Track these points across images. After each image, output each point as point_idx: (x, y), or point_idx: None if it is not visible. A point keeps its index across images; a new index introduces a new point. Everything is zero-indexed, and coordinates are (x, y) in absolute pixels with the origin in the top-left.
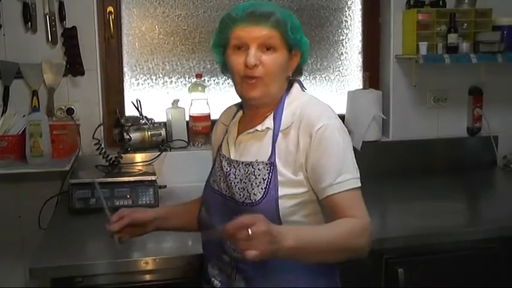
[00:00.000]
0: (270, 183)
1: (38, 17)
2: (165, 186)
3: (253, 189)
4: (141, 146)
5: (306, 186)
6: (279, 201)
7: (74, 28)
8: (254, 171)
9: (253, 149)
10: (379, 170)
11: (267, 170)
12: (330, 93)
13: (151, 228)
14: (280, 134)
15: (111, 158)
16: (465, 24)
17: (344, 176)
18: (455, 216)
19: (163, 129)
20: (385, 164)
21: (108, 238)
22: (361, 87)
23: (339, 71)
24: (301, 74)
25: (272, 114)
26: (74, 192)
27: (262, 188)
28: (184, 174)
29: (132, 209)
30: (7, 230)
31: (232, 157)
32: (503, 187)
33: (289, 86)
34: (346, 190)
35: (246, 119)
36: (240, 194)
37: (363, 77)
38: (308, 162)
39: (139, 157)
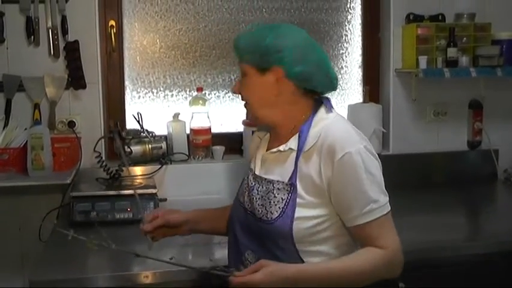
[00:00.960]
0: (287, 204)
1: (40, 30)
2: (166, 199)
3: (271, 207)
4: (142, 159)
5: (326, 210)
6: (294, 222)
7: (76, 42)
8: (274, 190)
9: (276, 168)
10: None
11: (287, 190)
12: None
13: (183, 230)
14: (302, 155)
15: (111, 171)
16: (464, 39)
17: (371, 206)
18: (456, 230)
19: (164, 142)
20: (385, 177)
21: (110, 251)
22: (361, 101)
23: (339, 84)
24: (322, 88)
25: (297, 135)
26: (74, 205)
27: (279, 208)
28: (184, 187)
29: (166, 210)
30: (8, 242)
31: (257, 172)
32: (504, 201)
33: (319, 105)
34: (373, 220)
35: (272, 137)
36: (259, 210)
37: (363, 91)
38: (332, 191)
39: (139, 170)
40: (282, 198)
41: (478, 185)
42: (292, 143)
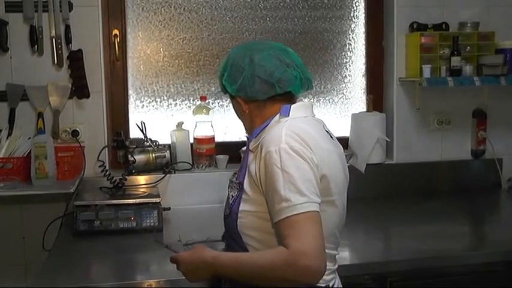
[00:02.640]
0: (235, 201)
1: (44, 39)
2: (169, 208)
3: (227, 204)
4: (146, 168)
5: (264, 206)
6: (238, 216)
7: (79, 51)
8: (230, 189)
9: (240, 168)
10: (383, 192)
11: (237, 188)
12: (334, 116)
13: None
14: (250, 155)
15: (115, 180)
16: (468, 47)
17: (282, 204)
18: (460, 239)
19: (168, 151)
20: (389, 186)
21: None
22: (364, 109)
23: (343, 93)
24: (292, 95)
25: (251, 137)
26: (78, 214)
27: (230, 204)
28: (188, 196)
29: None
30: (11, 251)
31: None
32: (508, 210)
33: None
34: (283, 218)
35: None
36: (224, 207)
37: (367, 100)
38: (262, 188)
39: (143, 179)
40: (232, 196)
41: (481, 194)
42: (250, 144)
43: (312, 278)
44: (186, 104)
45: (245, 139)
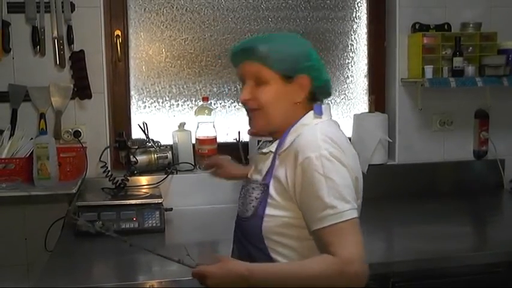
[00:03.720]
0: (260, 203)
1: (46, 40)
2: (171, 209)
3: (247, 205)
4: (148, 169)
5: (294, 212)
6: (264, 220)
7: (81, 51)
8: (249, 189)
9: (259, 169)
10: (385, 193)
11: (261, 189)
12: (336, 117)
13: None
14: (278, 158)
15: (117, 181)
16: (470, 48)
17: (327, 211)
18: (462, 240)
19: (170, 152)
20: (391, 187)
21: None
22: (367, 110)
23: (345, 94)
24: (326, 95)
25: (278, 139)
26: (80, 215)
27: (253, 206)
28: (190, 197)
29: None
30: (14, 252)
31: (248, 175)
32: (510, 211)
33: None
34: (328, 226)
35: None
36: (240, 208)
37: (369, 100)
38: (296, 195)
39: (145, 180)
40: (255, 197)
41: (484, 195)
42: (274, 145)
43: (359, 284)
44: (188, 105)
45: (247, 140)
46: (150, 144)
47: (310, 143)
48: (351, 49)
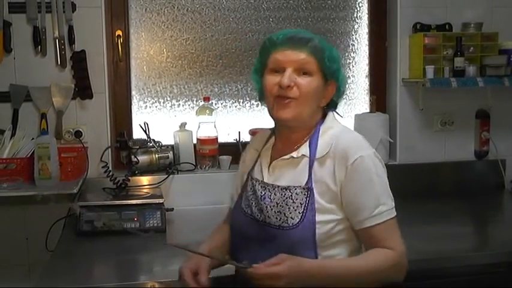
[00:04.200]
0: (307, 208)
1: (47, 40)
2: (173, 209)
3: (290, 213)
4: (149, 169)
5: (339, 214)
6: (316, 225)
7: (82, 51)
8: (292, 195)
9: (288, 174)
10: None
11: (304, 194)
12: (337, 117)
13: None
14: (316, 162)
15: (118, 181)
16: (471, 48)
17: (380, 208)
18: (463, 240)
19: (171, 152)
20: (392, 187)
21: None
22: (368, 110)
23: (346, 94)
24: (335, 107)
25: (307, 142)
26: (81, 215)
27: (299, 213)
28: (191, 197)
29: (189, 265)
30: (15, 252)
31: (266, 180)
32: (511, 211)
33: (323, 116)
34: (382, 222)
35: (279, 146)
36: (276, 218)
37: (370, 101)
38: (343, 194)
39: (146, 180)
40: (300, 203)
41: (485, 195)
42: (304, 149)
43: (405, 274)
44: (189, 105)
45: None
46: (151, 144)
47: (358, 143)
48: (352, 49)
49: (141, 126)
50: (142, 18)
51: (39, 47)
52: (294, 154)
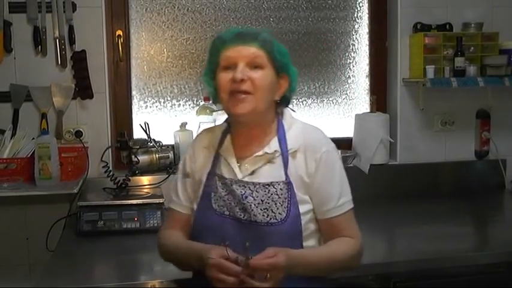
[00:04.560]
0: (290, 202)
1: (48, 40)
2: None
3: (277, 208)
4: (149, 169)
5: (310, 205)
6: (301, 217)
7: (83, 51)
8: (276, 191)
9: (266, 171)
10: (387, 193)
11: (286, 189)
12: (338, 117)
13: None
14: (290, 156)
15: (119, 181)
16: (472, 48)
17: (343, 199)
18: (463, 240)
19: (171, 152)
20: (392, 187)
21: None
22: (368, 110)
23: (346, 94)
24: (287, 103)
25: (276, 138)
26: (82, 215)
27: (285, 207)
28: None
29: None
30: (15, 251)
31: (242, 179)
32: (511, 211)
33: (280, 111)
34: (345, 212)
35: (240, 143)
36: (263, 215)
37: (370, 101)
38: (313, 185)
39: (146, 180)
40: (285, 198)
41: (485, 195)
42: (275, 145)
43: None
44: (189, 105)
45: None
46: (151, 144)
47: (323, 137)
48: (352, 49)
49: (141, 126)
50: (142, 18)
51: (40, 46)
52: (267, 150)
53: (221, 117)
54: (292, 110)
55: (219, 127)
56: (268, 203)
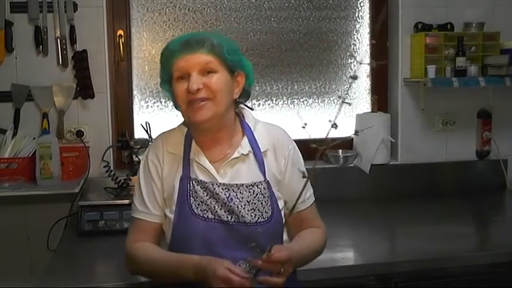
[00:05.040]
0: (272, 200)
1: (49, 40)
2: None
3: (263, 207)
4: None
5: (283, 201)
6: (281, 213)
7: (84, 51)
8: (260, 191)
9: (244, 172)
10: (388, 193)
11: (267, 188)
12: (338, 116)
13: None
14: (263, 155)
15: (120, 180)
16: (473, 48)
17: (310, 192)
18: (464, 240)
19: None
20: (393, 187)
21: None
22: (369, 110)
23: (347, 94)
24: (248, 97)
25: (246, 138)
26: (83, 214)
27: (269, 206)
28: None
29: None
30: (16, 251)
31: (223, 181)
32: None
33: (239, 112)
34: (311, 204)
35: (209, 145)
36: (251, 215)
37: (371, 100)
38: (284, 181)
39: None
40: (268, 196)
41: (486, 195)
42: (246, 146)
43: None
44: None
45: None
46: None
47: (287, 135)
48: (353, 49)
49: (142, 126)
50: (143, 17)
51: (41, 46)
52: (242, 151)
53: None
54: (251, 109)
55: (178, 131)
56: (255, 203)
